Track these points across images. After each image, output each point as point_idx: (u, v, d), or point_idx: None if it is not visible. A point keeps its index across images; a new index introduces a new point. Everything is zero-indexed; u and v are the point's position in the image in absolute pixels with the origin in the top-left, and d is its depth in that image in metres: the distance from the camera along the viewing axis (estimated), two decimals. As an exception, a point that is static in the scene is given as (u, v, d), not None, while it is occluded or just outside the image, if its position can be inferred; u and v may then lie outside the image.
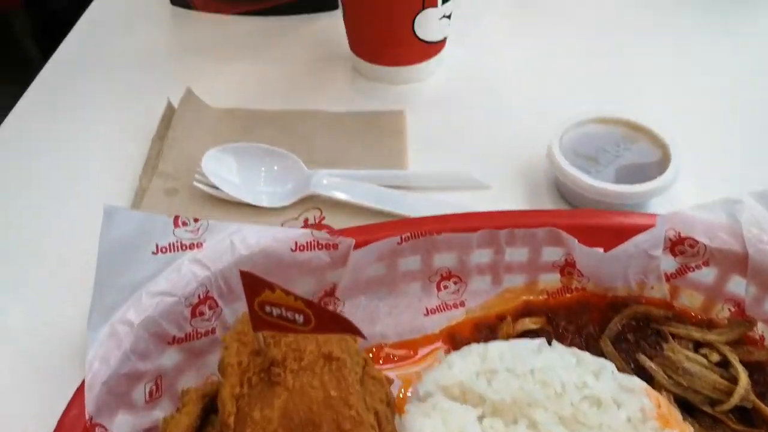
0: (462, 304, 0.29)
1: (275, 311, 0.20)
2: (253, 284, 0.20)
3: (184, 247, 0.26)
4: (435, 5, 0.40)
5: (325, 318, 0.20)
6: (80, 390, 0.23)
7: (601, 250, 0.27)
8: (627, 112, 0.35)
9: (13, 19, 1.65)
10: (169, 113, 0.40)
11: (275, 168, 0.36)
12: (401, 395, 0.27)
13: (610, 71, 0.45)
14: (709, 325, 0.27)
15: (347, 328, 0.20)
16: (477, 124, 0.41)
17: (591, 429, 0.22)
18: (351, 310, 0.29)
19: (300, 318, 0.20)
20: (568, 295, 0.29)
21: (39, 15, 1.62)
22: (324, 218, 0.36)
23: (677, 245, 0.27)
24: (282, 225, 0.35)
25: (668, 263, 0.27)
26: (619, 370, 0.24)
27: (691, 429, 0.23)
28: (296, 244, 0.27)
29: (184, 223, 0.26)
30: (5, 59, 1.88)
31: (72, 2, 1.69)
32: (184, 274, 0.26)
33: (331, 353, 0.23)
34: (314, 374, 0.22)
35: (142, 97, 0.44)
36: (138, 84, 0.46)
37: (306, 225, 0.35)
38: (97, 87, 0.46)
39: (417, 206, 0.35)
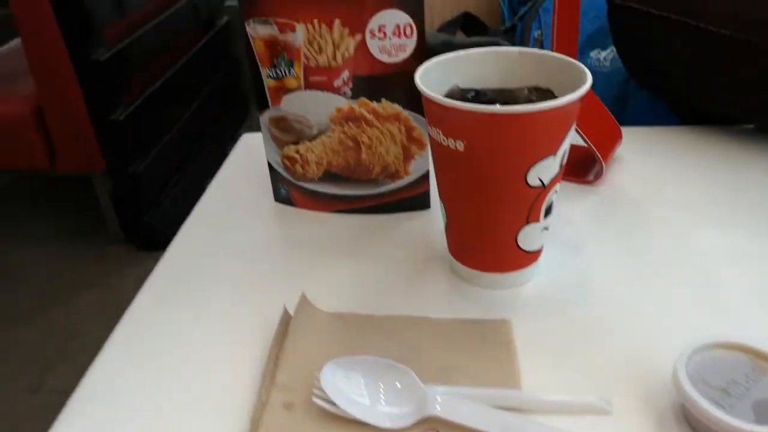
0: None
1: None
2: None
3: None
4: (537, 220, 0.42)
5: None
6: None
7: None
8: (751, 334, 0.35)
9: (94, 179, 1.80)
10: (285, 320, 0.42)
11: (396, 385, 0.36)
12: None
13: (725, 281, 0.45)
14: None
15: None
16: (585, 336, 0.41)
17: None
18: None
19: None
20: None
21: (119, 178, 1.77)
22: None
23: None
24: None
25: None
26: None
27: None
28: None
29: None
30: (84, 220, 2.02)
31: (151, 167, 1.82)
32: None
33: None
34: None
35: (255, 301, 0.46)
36: (250, 286, 0.48)
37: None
38: (209, 293, 0.48)
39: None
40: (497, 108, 0.36)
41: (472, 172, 0.39)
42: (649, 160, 0.62)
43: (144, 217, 1.83)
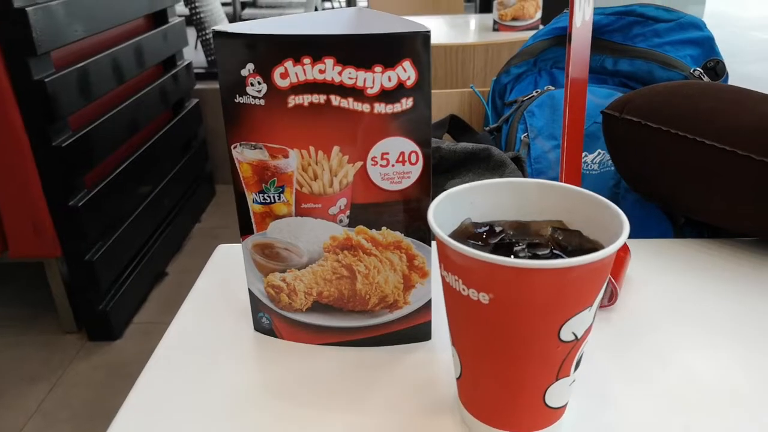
0: None
1: None
2: None
3: None
4: (568, 375, 0.37)
5: None
6: None
7: None
8: None
9: (47, 266, 1.69)
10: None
11: None
12: None
13: (748, 419, 0.41)
14: None
15: None
16: None
17: None
18: None
19: None
20: None
21: (75, 266, 1.67)
22: None
23: None
24: None
25: None
26: None
27: None
28: None
29: None
30: (34, 307, 1.89)
31: (109, 254, 1.73)
32: None
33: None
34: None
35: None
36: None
37: None
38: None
39: None
40: (533, 263, 0.32)
41: (498, 327, 0.35)
42: (658, 277, 0.58)
43: (99, 305, 1.72)
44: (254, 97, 0.42)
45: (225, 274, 0.60)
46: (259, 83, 0.41)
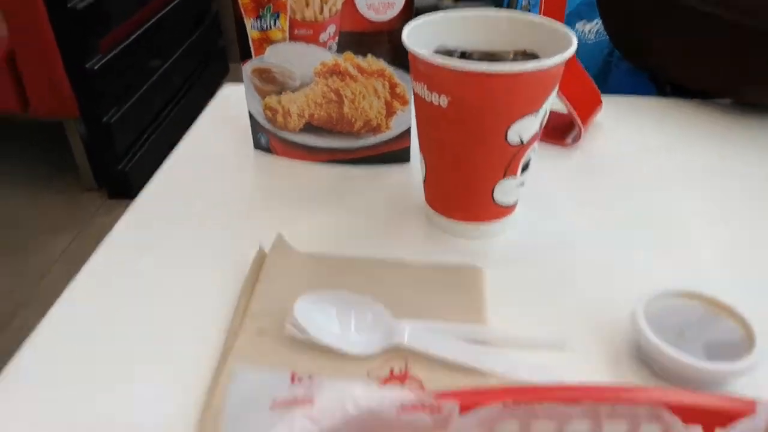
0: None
1: None
2: None
3: (297, 403, 0.28)
4: (515, 175, 0.43)
5: None
6: None
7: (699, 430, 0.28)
8: (703, 285, 0.37)
9: (67, 126, 1.77)
10: (261, 257, 0.43)
11: (367, 317, 0.38)
12: None
13: (692, 240, 0.47)
14: None
15: None
16: (552, 284, 0.43)
17: None
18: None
19: None
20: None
21: (93, 127, 1.74)
22: (409, 369, 0.37)
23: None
24: (368, 373, 0.36)
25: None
26: None
27: None
28: (402, 405, 0.28)
29: (300, 380, 0.28)
30: (56, 165, 1.98)
31: (126, 117, 1.79)
32: (298, 430, 0.27)
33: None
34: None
35: (231, 242, 0.47)
36: (226, 228, 0.49)
37: (391, 375, 0.36)
38: (183, 234, 0.49)
39: (498, 364, 0.36)
40: (483, 66, 0.37)
41: (454, 127, 0.41)
42: (627, 128, 0.63)
43: (118, 166, 1.81)
44: (254, -77, 0.46)
45: (230, 108, 0.67)
46: None
